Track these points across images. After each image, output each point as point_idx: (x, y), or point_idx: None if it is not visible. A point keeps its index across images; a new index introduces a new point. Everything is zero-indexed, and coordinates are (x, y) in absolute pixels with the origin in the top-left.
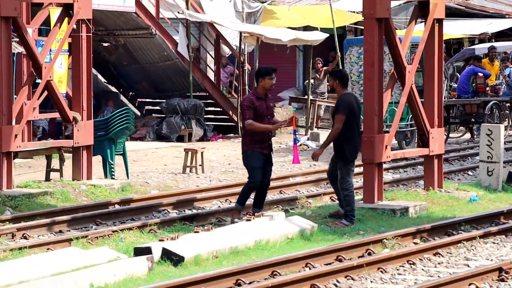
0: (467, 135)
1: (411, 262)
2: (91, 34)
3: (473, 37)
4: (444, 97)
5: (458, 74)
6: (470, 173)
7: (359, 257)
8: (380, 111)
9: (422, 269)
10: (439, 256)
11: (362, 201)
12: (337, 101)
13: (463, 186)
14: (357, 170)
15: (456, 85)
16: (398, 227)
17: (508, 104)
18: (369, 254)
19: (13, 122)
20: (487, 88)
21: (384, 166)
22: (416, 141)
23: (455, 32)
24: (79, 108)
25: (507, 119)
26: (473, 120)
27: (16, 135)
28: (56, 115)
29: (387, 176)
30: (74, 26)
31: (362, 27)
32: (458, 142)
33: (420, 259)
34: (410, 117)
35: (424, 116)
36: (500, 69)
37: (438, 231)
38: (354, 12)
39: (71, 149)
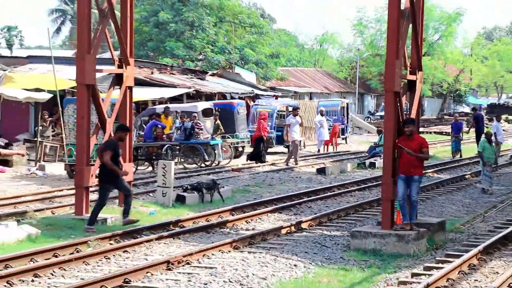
0: (150, 168)
1: (107, 257)
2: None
3: (155, 100)
4: (134, 141)
5: (144, 125)
6: (151, 194)
7: (70, 254)
8: (88, 150)
9: (115, 262)
10: (127, 253)
11: (74, 214)
12: None
13: (146, 203)
14: (71, 191)
15: (143, 133)
16: (99, 232)
17: (178, 147)
18: (77, 251)
19: None
20: (164, 136)
21: (91, 189)
22: None
23: (143, 95)
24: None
25: (177, 157)
26: (154, 157)
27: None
28: None
29: (93, 196)
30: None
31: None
32: (144, 173)
33: (114, 255)
34: None
35: None
36: (173, 122)
37: (127, 235)
38: (71, 79)
39: None
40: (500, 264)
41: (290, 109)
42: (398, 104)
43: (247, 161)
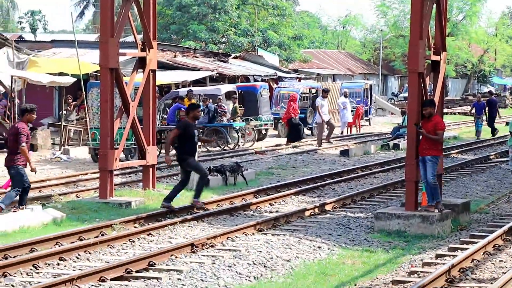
0: (173, 151)
1: (132, 240)
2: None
3: (178, 83)
4: (158, 124)
5: (167, 108)
6: (174, 178)
7: (95, 237)
8: (112, 134)
9: (139, 245)
10: (151, 236)
11: (99, 197)
12: None
13: (170, 186)
14: (95, 175)
15: (166, 116)
16: (124, 215)
17: (201, 130)
18: (102, 235)
19: None
20: None
21: (115, 172)
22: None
23: (166, 79)
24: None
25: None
26: None
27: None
28: None
29: (117, 180)
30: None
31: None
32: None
33: (138, 238)
34: (133, 138)
35: (142, 137)
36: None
37: (151, 218)
38: (95, 63)
39: None
40: None
41: (314, 91)
42: (422, 85)
43: (287, 144)
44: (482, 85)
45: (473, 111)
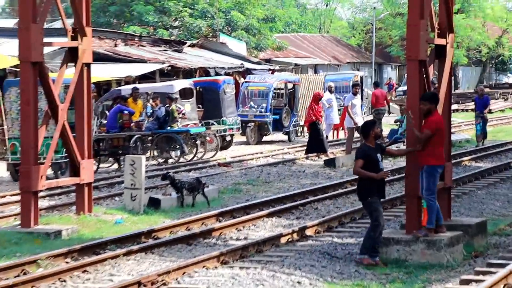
0: (115, 165)
1: (62, 280)
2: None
3: (120, 79)
4: (94, 132)
5: (107, 111)
6: (116, 198)
7: (15, 276)
8: (36, 144)
9: (72, 285)
10: (87, 273)
11: (20, 226)
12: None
13: (111, 210)
14: (15, 198)
15: (105, 121)
16: (52, 248)
17: (150, 138)
18: (24, 273)
19: None
20: (132, 124)
21: (41, 194)
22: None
23: (104, 74)
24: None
25: (149, 151)
26: (120, 151)
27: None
28: None
29: (43, 203)
30: None
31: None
32: (107, 171)
33: (71, 277)
34: (64, 150)
35: (75, 148)
36: (143, 107)
37: (87, 251)
38: (13, 56)
39: None
40: None
41: (291, 86)
42: (424, 75)
43: (306, 154)
44: (501, 73)
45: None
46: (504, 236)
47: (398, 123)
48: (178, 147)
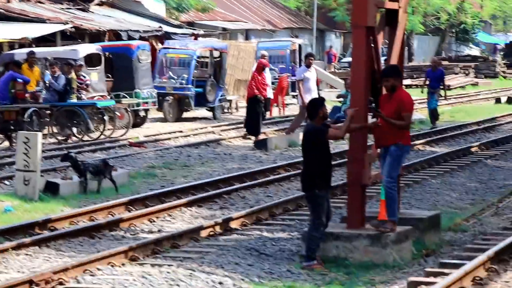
0: (6, 143)
1: None
2: None
3: (13, 41)
4: None
5: None
6: (7, 182)
7: None
8: None
9: None
10: None
11: None
12: None
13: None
14: None
15: None
16: None
17: (48, 112)
18: None
19: None
20: (27, 95)
21: None
22: None
23: None
24: None
25: (47, 127)
26: (12, 127)
27: None
28: None
29: None
30: None
31: None
32: None
33: None
34: None
35: None
36: (40, 75)
37: None
38: None
39: None
40: None
41: (217, 54)
42: (373, 45)
43: (246, 135)
44: (462, 44)
45: (427, 83)
46: (460, 232)
47: (342, 99)
48: (82, 123)
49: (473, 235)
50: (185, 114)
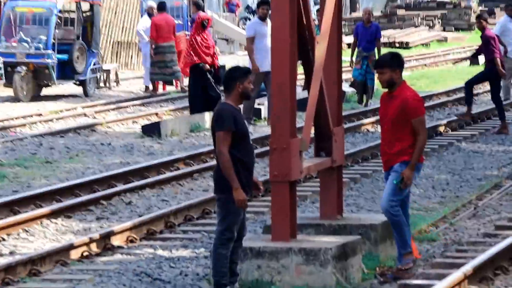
0: None
1: None
2: None
3: None
4: None
5: None
6: None
7: None
8: None
9: None
10: None
11: None
12: None
13: None
14: None
15: None
16: None
17: None
18: None
19: None
20: None
21: None
22: None
23: None
24: None
25: None
26: None
27: None
28: None
29: None
30: None
31: None
32: None
33: None
34: None
35: None
36: None
37: None
38: None
39: None
40: None
41: (87, 6)
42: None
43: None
44: None
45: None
46: (427, 241)
47: None
48: None
49: (445, 245)
50: (45, 91)
